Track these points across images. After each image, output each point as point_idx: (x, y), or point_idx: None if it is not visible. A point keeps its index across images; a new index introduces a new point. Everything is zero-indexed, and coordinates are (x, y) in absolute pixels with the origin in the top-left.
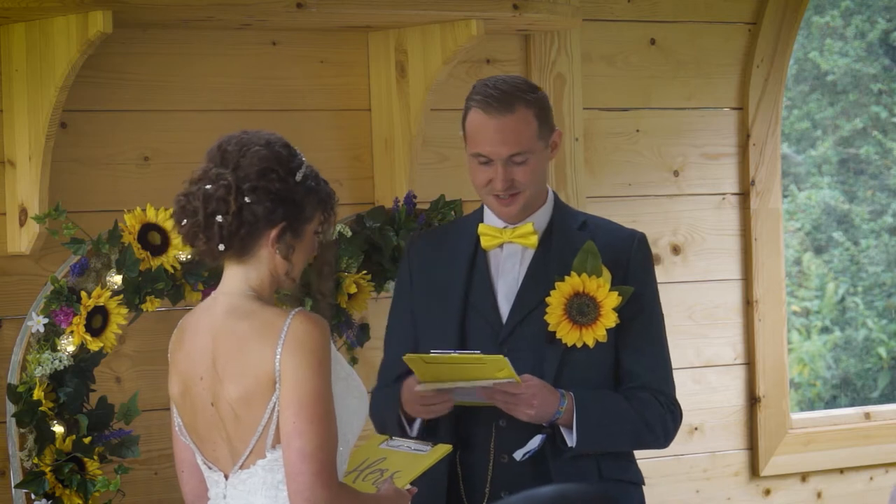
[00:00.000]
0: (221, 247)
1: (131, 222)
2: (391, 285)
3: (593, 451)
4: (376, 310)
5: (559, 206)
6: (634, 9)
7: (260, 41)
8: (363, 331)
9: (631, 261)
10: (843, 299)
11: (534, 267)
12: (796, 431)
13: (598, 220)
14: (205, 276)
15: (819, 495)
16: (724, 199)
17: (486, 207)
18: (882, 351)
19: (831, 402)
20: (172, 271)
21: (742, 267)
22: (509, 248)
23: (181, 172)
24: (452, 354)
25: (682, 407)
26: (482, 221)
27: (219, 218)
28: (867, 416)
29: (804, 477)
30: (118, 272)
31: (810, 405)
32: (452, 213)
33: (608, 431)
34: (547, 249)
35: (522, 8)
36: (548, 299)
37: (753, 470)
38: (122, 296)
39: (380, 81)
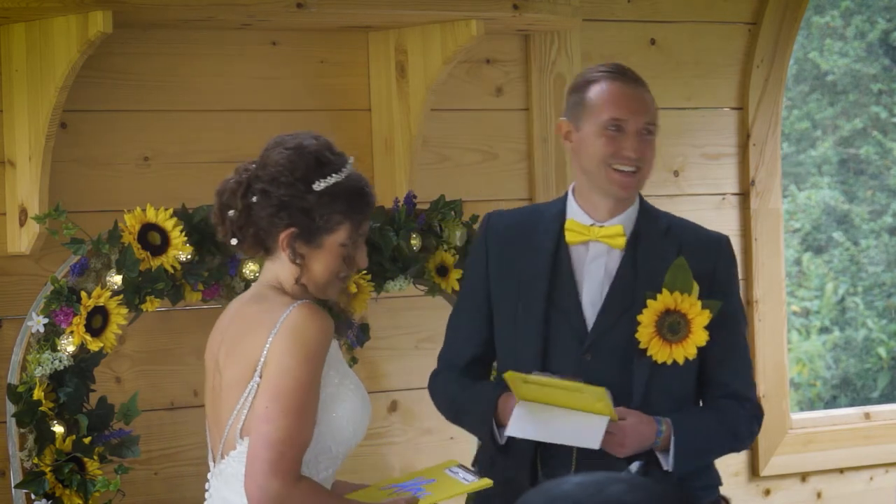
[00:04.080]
0: (234, 240)
1: (131, 222)
2: (391, 285)
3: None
4: (376, 310)
5: (645, 209)
6: (634, 9)
7: (260, 41)
8: (363, 331)
9: (717, 269)
10: (842, 299)
11: (621, 273)
12: (796, 431)
13: (683, 222)
14: (205, 276)
15: (819, 495)
16: (724, 199)
17: (571, 201)
18: (882, 351)
19: (831, 402)
20: (172, 271)
21: (742, 267)
22: (595, 248)
23: (181, 172)
24: (553, 379)
25: None
26: (565, 214)
27: (230, 212)
28: (867, 416)
29: (804, 477)
30: (118, 272)
31: (810, 405)
32: (452, 213)
33: (703, 451)
34: (633, 255)
35: (522, 8)
36: (639, 317)
37: (753, 470)
38: (122, 296)
39: (380, 81)
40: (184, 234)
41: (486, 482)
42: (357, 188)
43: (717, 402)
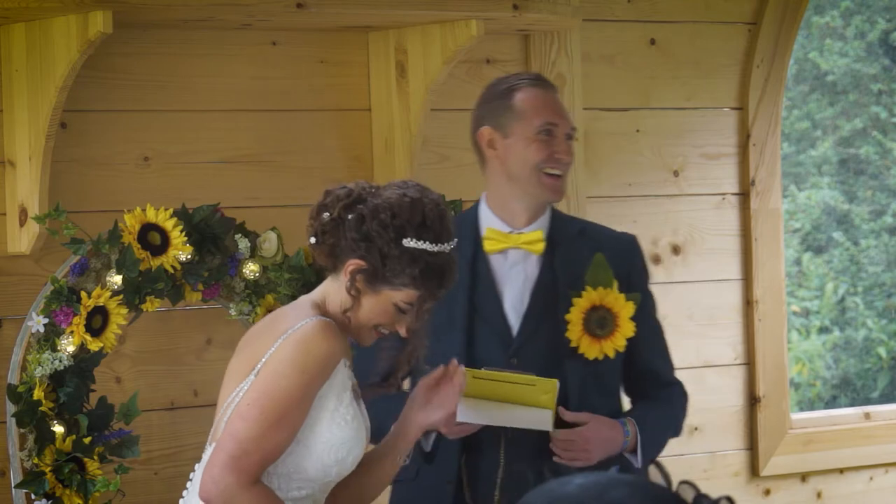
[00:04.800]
0: (312, 239)
1: (131, 222)
2: None
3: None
4: None
5: (556, 214)
6: (634, 9)
7: (260, 41)
8: None
9: (633, 266)
10: (842, 299)
11: (541, 277)
12: (796, 431)
13: (594, 225)
14: (205, 276)
15: (819, 495)
16: (724, 199)
17: (486, 209)
18: (882, 351)
19: (831, 402)
20: (172, 271)
21: (742, 267)
22: (513, 255)
23: (181, 172)
24: (505, 373)
25: None
26: (479, 224)
27: (325, 214)
28: (867, 416)
29: (804, 477)
30: (118, 272)
31: (810, 405)
32: (453, 212)
33: (660, 444)
34: (551, 258)
35: (522, 8)
36: (567, 316)
37: (753, 470)
38: (122, 296)
39: (380, 81)
40: (184, 234)
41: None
42: (440, 267)
43: (657, 393)
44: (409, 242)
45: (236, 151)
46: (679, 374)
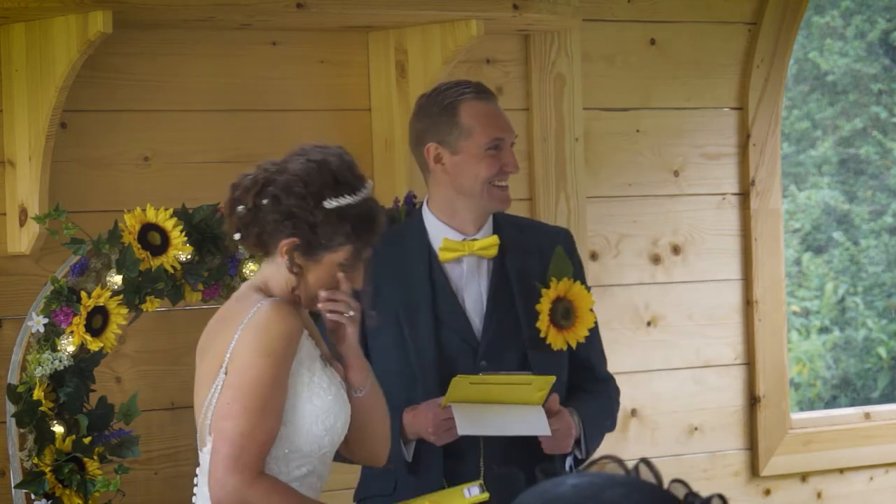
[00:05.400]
0: (237, 235)
1: (131, 222)
2: None
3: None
4: None
5: (495, 216)
6: (634, 9)
7: (260, 41)
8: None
9: (574, 259)
10: (842, 299)
11: (496, 278)
12: (796, 431)
13: (527, 221)
14: (205, 276)
15: (819, 495)
16: (724, 199)
17: (432, 220)
18: (882, 351)
19: (831, 402)
20: (172, 271)
21: (742, 267)
22: (469, 261)
23: (181, 172)
24: (500, 375)
25: (682, 407)
26: (427, 235)
27: (239, 207)
28: (867, 416)
29: (804, 477)
30: (118, 272)
31: (810, 405)
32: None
33: (599, 437)
34: (501, 259)
35: (522, 8)
36: (538, 307)
37: (753, 470)
38: (122, 296)
39: (380, 81)
40: (184, 234)
41: (484, 496)
42: (367, 214)
43: (592, 386)
44: (330, 203)
45: (236, 151)
46: (679, 374)
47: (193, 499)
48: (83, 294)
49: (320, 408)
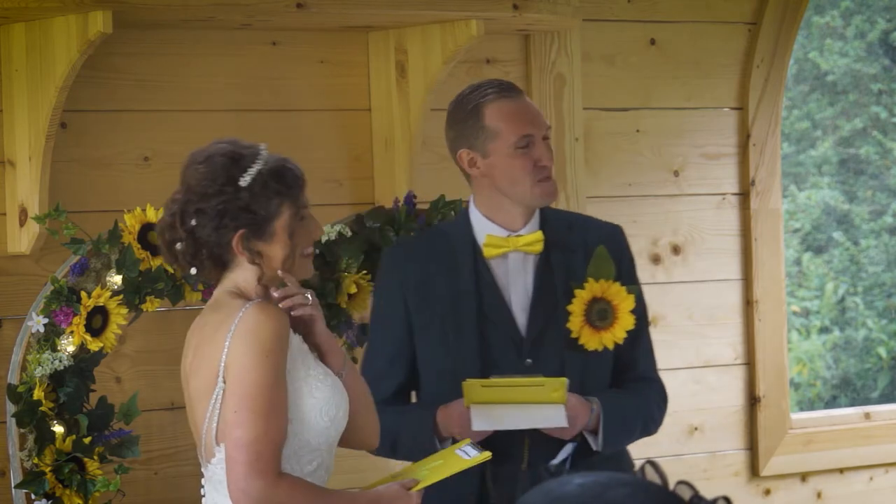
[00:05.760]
0: (193, 270)
1: (131, 222)
2: None
3: (611, 451)
4: None
5: (544, 209)
6: (634, 9)
7: (260, 41)
8: (363, 331)
9: (622, 258)
10: (842, 299)
11: (541, 275)
12: (796, 431)
13: (579, 217)
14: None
15: (819, 495)
16: (724, 199)
17: (478, 216)
18: (882, 351)
19: (831, 402)
20: (172, 271)
21: (742, 267)
22: (514, 257)
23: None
24: (513, 378)
25: (682, 407)
26: (472, 231)
27: (178, 245)
28: (867, 416)
29: (804, 477)
30: (118, 272)
31: (810, 405)
32: (452, 212)
33: (627, 431)
34: (547, 255)
35: (522, 8)
36: (569, 307)
37: (753, 470)
38: (122, 296)
39: (380, 81)
40: None
41: (486, 455)
42: (279, 168)
43: (630, 384)
44: (245, 179)
45: None
46: (679, 374)
47: None
48: (83, 294)
49: (321, 399)
